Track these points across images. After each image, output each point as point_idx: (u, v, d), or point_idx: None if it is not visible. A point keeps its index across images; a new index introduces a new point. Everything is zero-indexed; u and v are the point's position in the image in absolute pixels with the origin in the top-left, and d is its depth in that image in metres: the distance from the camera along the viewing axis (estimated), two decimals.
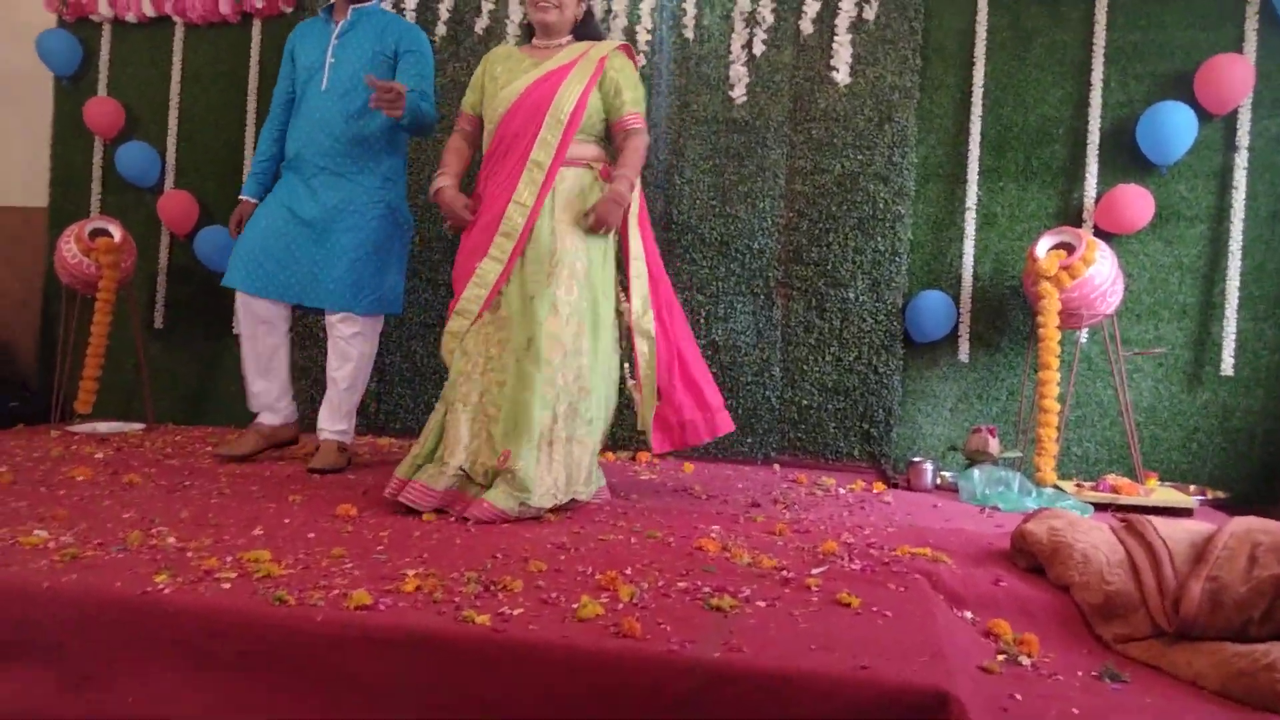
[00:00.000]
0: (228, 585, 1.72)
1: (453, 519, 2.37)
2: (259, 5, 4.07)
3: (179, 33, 4.23)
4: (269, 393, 3.14)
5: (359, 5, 3.09)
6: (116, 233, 3.91)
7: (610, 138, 2.69)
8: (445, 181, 2.67)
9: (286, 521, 2.28)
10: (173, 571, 1.77)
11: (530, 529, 2.30)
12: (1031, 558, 2.04)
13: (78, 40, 4.31)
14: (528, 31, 2.82)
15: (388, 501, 2.48)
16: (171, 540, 2.02)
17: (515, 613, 1.63)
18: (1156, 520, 1.94)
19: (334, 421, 3.09)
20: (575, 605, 1.66)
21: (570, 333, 2.50)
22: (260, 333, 3.09)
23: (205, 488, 2.67)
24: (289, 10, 4.03)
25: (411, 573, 1.84)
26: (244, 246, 3.05)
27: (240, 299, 3.09)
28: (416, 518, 2.37)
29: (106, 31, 4.31)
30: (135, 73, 4.29)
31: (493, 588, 1.77)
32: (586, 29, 2.73)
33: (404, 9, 3.85)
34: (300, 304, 3.09)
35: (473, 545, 2.12)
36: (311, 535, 2.15)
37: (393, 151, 3.10)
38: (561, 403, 2.48)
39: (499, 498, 2.37)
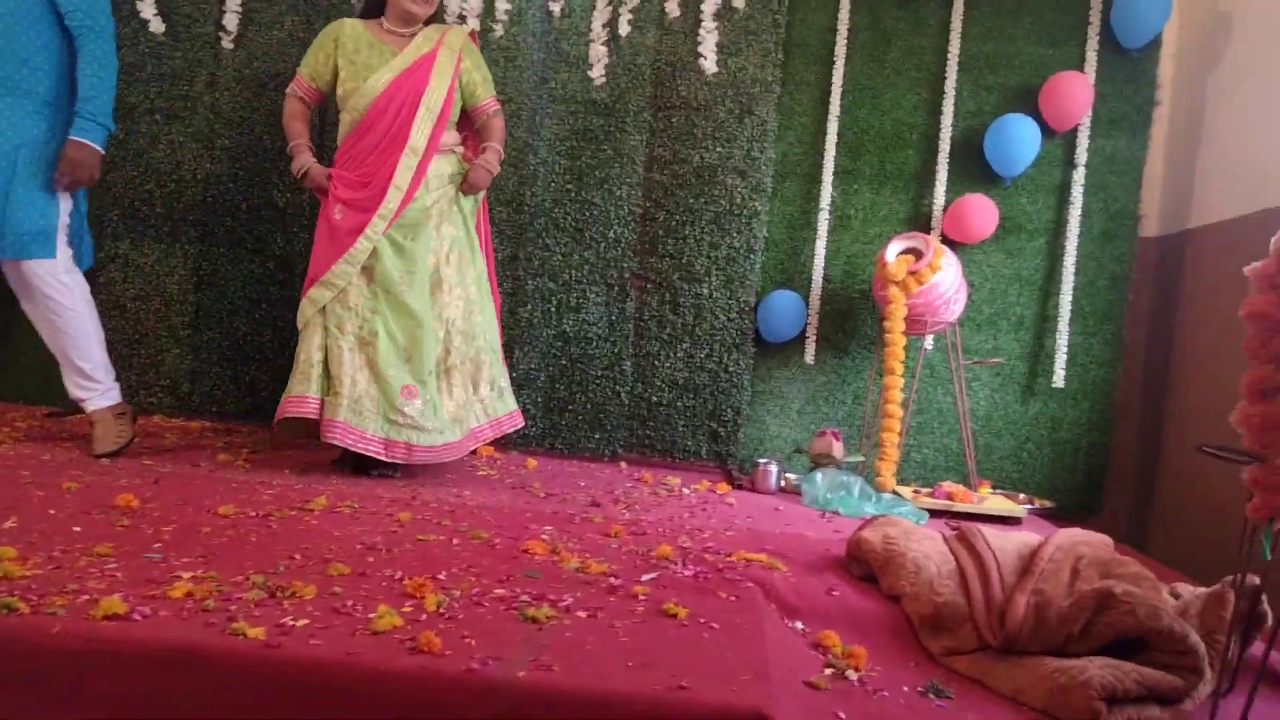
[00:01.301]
0: None
1: (253, 514, 2.13)
2: None
3: None
4: None
5: None
6: None
7: (470, 121, 2.93)
8: (309, 159, 2.81)
9: (51, 512, 1.99)
10: None
11: (340, 526, 2.09)
12: (866, 566, 1.99)
13: None
14: (370, 4, 2.88)
15: (180, 492, 2.21)
16: None
17: (298, 624, 1.43)
18: (988, 530, 1.92)
19: (91, 384, 2.73)
20: (371, 615, 1.47)
21: (454, 266, 2.84)
22: None
23: None
24: None
25: (186, 575, 1.62)
26: None
27: None
28: (210, 512, 2.11)
29: None
30: None
31: (279, 594, 1.56)
32: (435, 13, 2.90)
33: None
34: None
35: (269, 544, 1.89)
36: (77, 529, 1.87)
37: (49, 72, 2.62)
38: (453, 333, 2.82)
39: (419, 433, 2.67)
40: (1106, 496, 3.34)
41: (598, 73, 3.43)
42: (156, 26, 3.52)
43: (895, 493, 2.92)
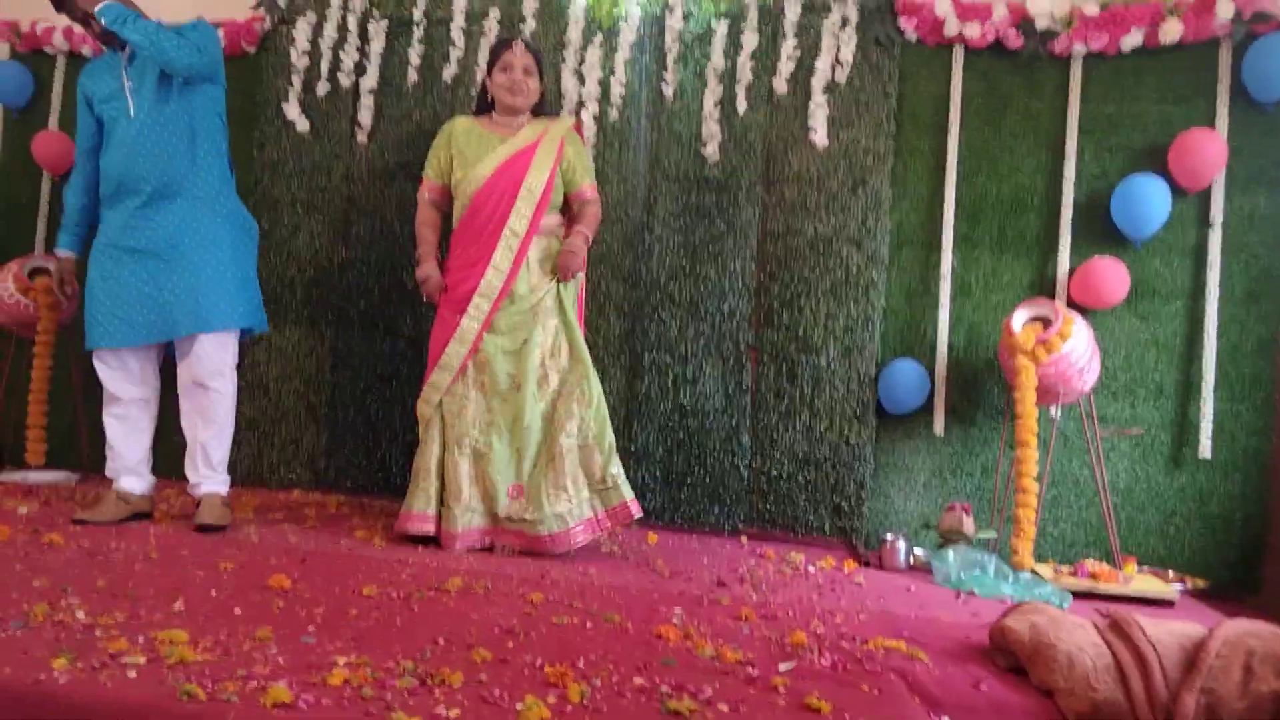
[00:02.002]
0: (134, 673, 1.55)
1: (395, 595, 2.20)
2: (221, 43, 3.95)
3: None
4: (130, 455, 2.98)
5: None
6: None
7: (567, 206, 3.04)
8: (432, 268, 2.98)
9: (213, 594, 2.10)
10: (74, 655, 1.59)
11: (479, 608, 2.14)
12: (1012, 656, 1.91)
13: (30, 72, 4.17)
14: (482, 100, 3.08)
15: (325, 572, 2.31)
16: (80, 615, 1.84)
17: (451, 714, 1.47)
18: (1144, 620, 1.82)
19: (209, 472, 2.97)
20: (519, 705, 1.50)
21: (560, 359, 2.90)
22: (128, 389, 2.96)
23: (130, 551, 2.48)
24: (252, 51, 3.91)
25: (341, 660, 1.68)
26: (93, 304, 2.91)
27: (103, 357, 2.95)
28: (355, 593, 2.19)
29: (60, 63, 4.18)
30: None
31: (430, 681, 1.61)
32: (541, 105, 3.07)
33: (369, 53, 3.75)
34: (169, 339, 2.92)
35: (413, 626, 1.96)
36: (237, 611, 1.97)
37: (217, 157, 3.00)
38: (561, 421, 2.83)
39: (525, 525, 2.76)
40: (1265, 574, 3.12)
41: (710, 150, 3.51)
42: (301, 125, 3.79)
43: (1034, 572, 2.80)
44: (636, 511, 2.90)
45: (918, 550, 3.06)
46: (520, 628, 1.99)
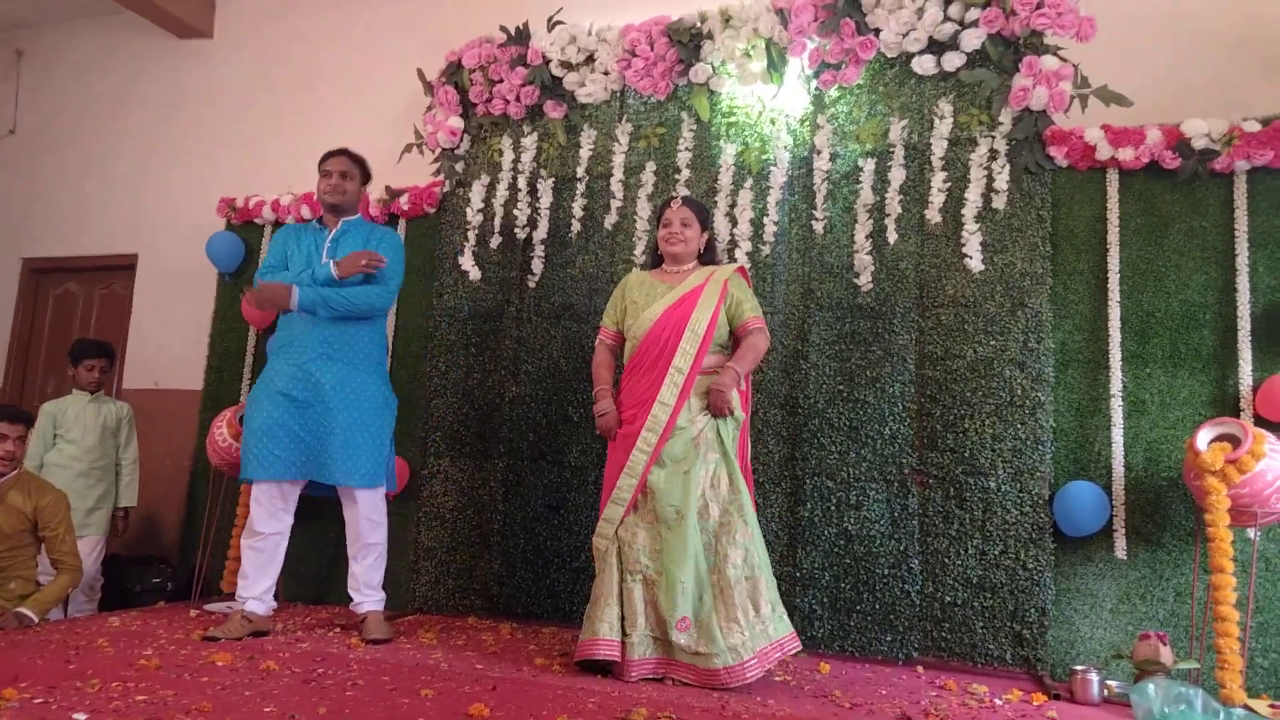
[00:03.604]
0: None
1: None
2: (405, 208, 4.40)
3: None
4: (260, 584, 3.32)
5: (347, 218, 3.54)
6: None
7: (735, 344, 3.12)
8: (609, 405, 3.13)
9: None
10: None
11: None
12: None
13: (241, 240, 4.72)
14: (653, 257, 3.30)
15: (517, 700, 2.41)
16: None
17: None
18: None
19: (374, 592, 3.42)
20: None
21: (720, 490, 2.95)
22: (273, 522, 3.33)
23: (338, 677, 2.66)
24: (432, 211, 4.34)
25: None
26: (251, 440, 3.31)
27: (257, 490, 3.33)
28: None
29: (267, 232, 4.72)
30: None
31: None
32: (709, 255, 3.24)
33: (539, 207, 4.09)
34: (319, 480, 3.33)
35: None
36: None
37: (376, 339, 3.50)
38: (725, 552, 2.87)
39: (699, 659, 2.77)
40: None
41: (863, 280, 3.61)
42: (474, 275, 4.14)
43: (1248, 707, 2.62)
44: (797, 644, 2.90)
45: (1112, 682, 2.91)
46: None
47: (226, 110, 5.22)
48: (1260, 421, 3.12)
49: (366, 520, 3.37)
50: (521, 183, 4.16)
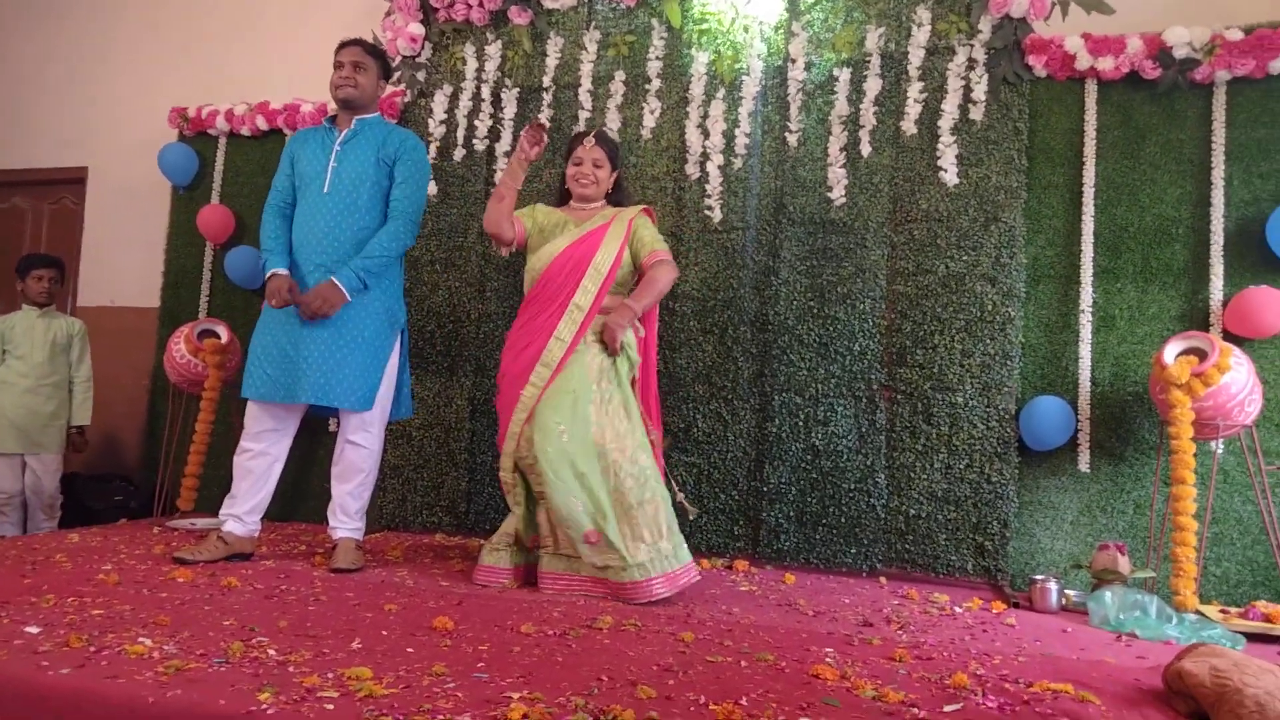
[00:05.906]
0: (331, 706, 1.65)
1: (551, 633, 2.28)
2: None
3: None
4: (243, 504, 3.12)
5: (362, 116, 3.19)
6: (223, 334, 4.03)
7: (638, 281, 3.03)
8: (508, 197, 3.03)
9: (384, 634, 2.21)
10: (275, 689, 1.71)
11: (633, 646, 2.19)
12: (1191, 701, 1.84)
13: (195, 153, 4.55)
14: (561, 194, 3.20)
15: (483, 613, 2.40)
16: (272, 652, 1.97)
17: None
18: None
19: (349, 520, 3.15)
20: None
21: (615, 419, 2.89)
22: (268, 443, 3.12)
23: (301, 593, 2.63)
24: (393, 122, 4.18)
25: (516, 696, 1.75)
26: (255, 356, 3.11)
27: (253, 409, 3.13)
28: (514, 631, 2.28)
29: (221, 144, 4.54)
30: (246, 181, 4.49)
31: (603, 717, 1.66)
32: (617, 195, 3.16)
33: (502, 118, 3.95)
34: (315, 403, 3.09)
35: (575, 663, 2.01)
36: (410, 650, 2.07)
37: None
38: (623, 476, 2.82)
39: (609, 572, 2.76)
40: None
41: (836, 194, 3.54)
42: (431, 190, 4.00)
43: (1199, 613, 2.68)
44: (698, 575, 2.88)
45: (1070, 591, 2.97)
46: (677, 665, 2.03)
47: (175, 14, 4.97)
48: (1229, 336, 3.13)
49: (348, 443, 3.15)
50: (485, 93, 4.01)
